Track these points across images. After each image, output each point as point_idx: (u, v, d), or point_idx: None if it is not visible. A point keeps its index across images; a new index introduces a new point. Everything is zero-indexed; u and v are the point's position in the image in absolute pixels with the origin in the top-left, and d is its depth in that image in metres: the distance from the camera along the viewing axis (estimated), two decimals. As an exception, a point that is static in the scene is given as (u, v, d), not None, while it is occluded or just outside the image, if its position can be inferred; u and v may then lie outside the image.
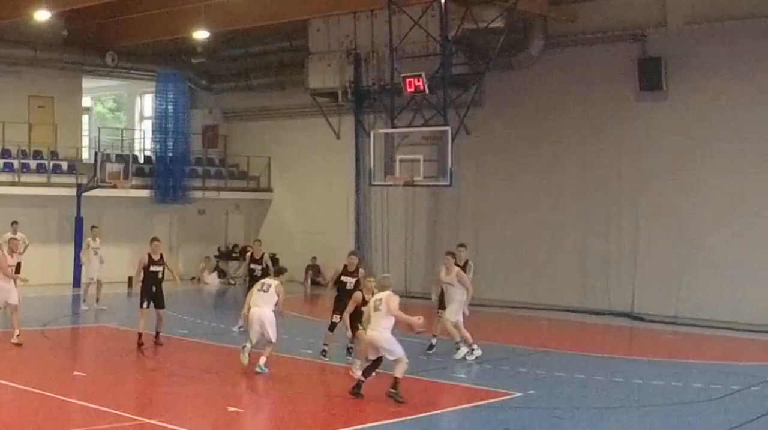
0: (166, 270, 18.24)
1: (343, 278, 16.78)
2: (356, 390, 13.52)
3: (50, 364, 16.59)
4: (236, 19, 27.70)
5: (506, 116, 26.95)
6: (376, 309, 13.52)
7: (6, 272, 17.69)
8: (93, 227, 24.74)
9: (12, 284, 17.83)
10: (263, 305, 15.33)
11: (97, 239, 23.97)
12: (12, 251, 18.61)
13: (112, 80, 35.46)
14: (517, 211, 26.68)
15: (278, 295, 15.36)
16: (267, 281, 15.88)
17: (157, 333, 18.20)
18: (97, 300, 23.50)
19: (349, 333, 15.55)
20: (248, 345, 15.37)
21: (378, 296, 13.82)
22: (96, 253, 23.79)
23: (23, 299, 24.09)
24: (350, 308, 15.34)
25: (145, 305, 17.97)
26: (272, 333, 15.22)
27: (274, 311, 15.31)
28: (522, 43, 25.78)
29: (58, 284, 27.73)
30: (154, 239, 18.48)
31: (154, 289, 18.03)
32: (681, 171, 23.82)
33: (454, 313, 16.98)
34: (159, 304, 18.08)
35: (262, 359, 15.20)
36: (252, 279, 20.20)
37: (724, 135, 23.17)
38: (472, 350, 16.98)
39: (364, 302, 14.87)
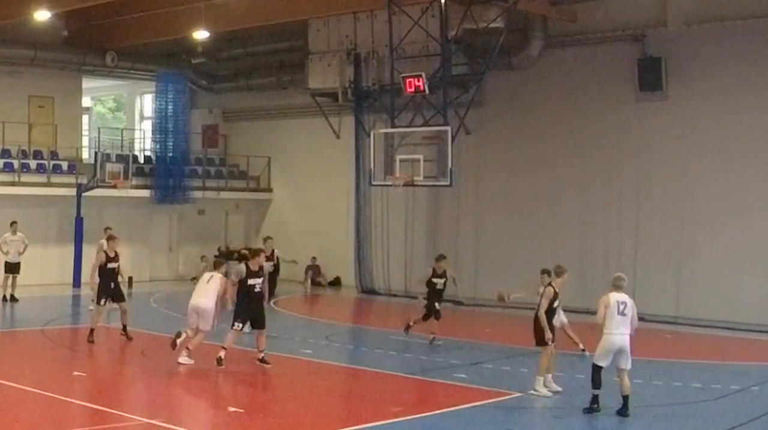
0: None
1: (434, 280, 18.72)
2: (595, 405, 13.07)
3: (50, 364, 16.58)
4: (236, 19, 27.67)
5: (506, 116, 26.93)
6: (622, 313, 13.25)
7: None
8: (107, 228, 24.06)
9: None
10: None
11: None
12: None
13: (112, 80, 35.43)
14: (517, 211, 26.64)
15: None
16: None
17: (124, 327, 18.36)
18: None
19: (549, 335, 14.29)
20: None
21: (621, 298, 13.43)
22: None
23: (24, 298, 24.29)
24: (545, 304, 14.24)
25: (102, 301, 18.18)
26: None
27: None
28: (522, 43, 25.74)
29: (58, 284, 27.73)
30: (111, 236, 18.81)
31: (112, 285, 18.24)
32: (681, 171, 23.80)
33: None
34: (119, 297, 18.35)
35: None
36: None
37: (724, 135, 23.15)
38: None
39: (556, 296, 14.35)
